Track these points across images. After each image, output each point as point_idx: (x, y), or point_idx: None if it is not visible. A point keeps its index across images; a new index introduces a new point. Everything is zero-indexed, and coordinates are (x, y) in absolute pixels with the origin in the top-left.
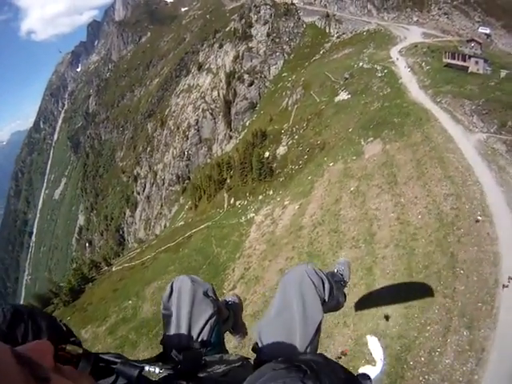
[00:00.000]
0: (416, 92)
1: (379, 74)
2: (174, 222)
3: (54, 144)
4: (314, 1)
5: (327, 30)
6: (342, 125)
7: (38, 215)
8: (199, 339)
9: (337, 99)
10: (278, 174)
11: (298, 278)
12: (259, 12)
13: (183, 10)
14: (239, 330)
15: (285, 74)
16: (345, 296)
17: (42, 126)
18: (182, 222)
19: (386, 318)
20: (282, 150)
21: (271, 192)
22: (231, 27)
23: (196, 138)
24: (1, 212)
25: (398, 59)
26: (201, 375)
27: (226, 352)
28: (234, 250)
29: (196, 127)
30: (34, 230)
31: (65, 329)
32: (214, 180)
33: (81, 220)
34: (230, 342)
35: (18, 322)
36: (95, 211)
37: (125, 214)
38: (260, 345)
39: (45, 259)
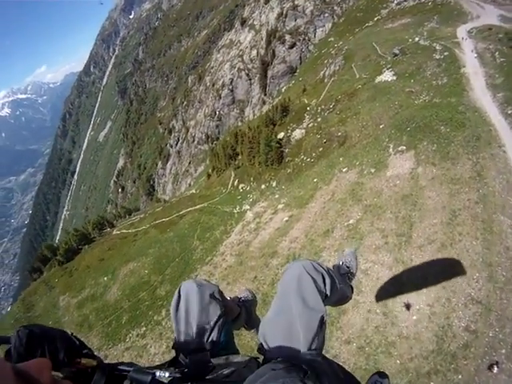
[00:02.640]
0: (480, 91)
1: (437, 56)
2: (196, 183)
3: (102, 88)
4: None
5: None
6: (373, 116)
7: (81, 155)
8: (208, 342)
9: (378, 79)
10: (288, 162)
11: (296, 274)
12: None
13: None
14: (253, 324)
15: (332, 38)
16: (352, 288)
17: (92, 69)
18: (194, 190)
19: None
20: (298, 134)
21: (274, 184)
22: None
23: (229, 98)
24: (48, 150)
25: (465, 40)
26: (207, 378)
27: (237, 351)
28: (208, 250)
29: (230, 87)
30: (77, 169)
31: (77, 342)
32: (226, 153)
33: (120, 164)
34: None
35: (34, 344)
36: (130, 159)
37: (157, 165)
38: (264, 345)
39: (84, 197)
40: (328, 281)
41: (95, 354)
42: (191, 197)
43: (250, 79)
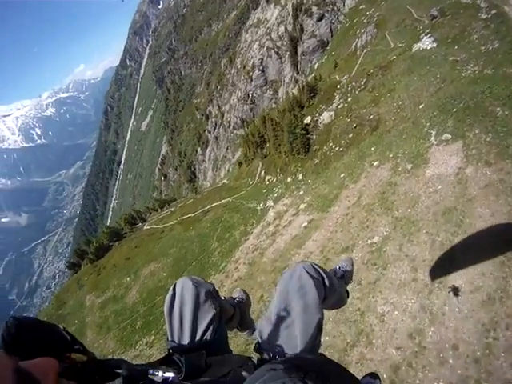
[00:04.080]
0: None
1: (483, 15)
2: (229, 172)
3: (140, 79)
4: None
5: None
6: (411, 94)
7: (126, 146)
8: (202, 341)
9: (416, 47)
10: (315, 152)
11: (297, 274)
12: None
13: None
14: (247, 326)
15: (363, 6)
16: (348, 293)
17: (128, 62)
18: (226, 180)
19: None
20: (327, 117)
21: (300, 176)
22: None
23: (261, 79)
24: (94, 142)
25: None
26: (202, 377)
27: (230, 352)
28: (225, 254)
29: (261, 67)
30: (123, 159)
31: (69, 337)
32: (253, 140)
33: (163, 152)
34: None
35: (23, 335)
36: (171, 146)
37: (196, 151)
38: (262, 344)
39: (130, 186)
40: (327, 283)
41: (87, 349)
42: (220, 188)
43: (281, 58)
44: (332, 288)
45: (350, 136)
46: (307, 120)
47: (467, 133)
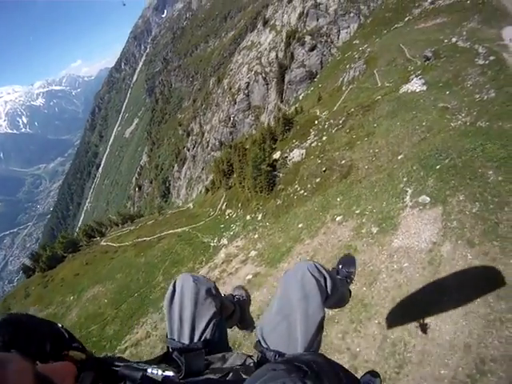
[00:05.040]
0: None
1: (480, 61)
2: (200, 196)
3: (132, 85)
4: None
5: None
6: (390, 141)
7: (107, 150)
8: (202, 339)
9: (403, 89)
10: (279, 191)
11: (300, 274)
12: None
13: None
14: (246, 324)
15: (357, 41)
16: (350, 292)
17: (123, 66)
18: (191, 205)
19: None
20: (297, 155)
21: (260, 216)
22: None
23: (245, 103)
24: (79, 141)
25: None
26: (202, 376)
27: (230, 350)
28: (161, 297)
29: (246, 91)
30: (102, 163)
31: (67, 335)
32: (220, 168)
33: (143, 162)
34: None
35: (20, 332)
36: (149, 158)
37: (173, 167)
38: (262, 343)
39: (106, 191)
40: (329, 283)
41: (85, 347)
42: (183, 213)
43: (267, 84)
44: (334, 288)
45: (318, 180)
46: (276, 155)
47: (449, 198)
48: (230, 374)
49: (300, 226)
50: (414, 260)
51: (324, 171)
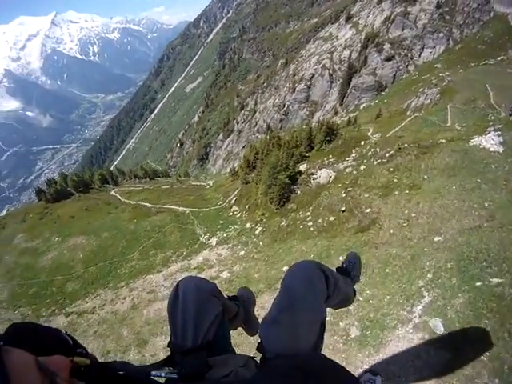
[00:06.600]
0: None
1: None
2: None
3: (205, 44)
4: None
5: None
6: (435, 211)
7: (165, 98)
8: (204, 341)
9: (475, 141)
10: (289, 211)
11: (302, 273)
12: None
13: None
14: (251, 325)
15: (438, 65)
16: (354, 292)
17: (201, 24)
18: (211, 183)
19: None
20: (324, 176)
21: (258, 231)
22: None
23: (303, 94)
24: (140, 83)
25: None
26: (204, 378)
27: (233, 351)
28: (133, 273)
29: (308, 83)
30: (156, 110)
31: (71, 341)
32: (246, 159)
33: (193, 121)
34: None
35: (25, 341)
36: (199, 119)
37: (218, 135)
38: (264, 344)
39: (152, 137)
40: (332, 282)
41: (90, 353)
42: (198, 189)
43: (332, 82)
44: (336, 287)
45: (332, 219)
46: (303, 167)
47: (467, 347)
48: (232, 375)
49: (284, 269)
50: None
51: (343, 211)
